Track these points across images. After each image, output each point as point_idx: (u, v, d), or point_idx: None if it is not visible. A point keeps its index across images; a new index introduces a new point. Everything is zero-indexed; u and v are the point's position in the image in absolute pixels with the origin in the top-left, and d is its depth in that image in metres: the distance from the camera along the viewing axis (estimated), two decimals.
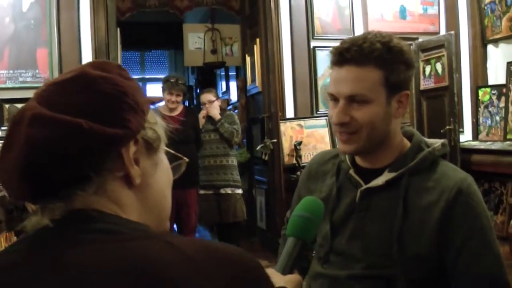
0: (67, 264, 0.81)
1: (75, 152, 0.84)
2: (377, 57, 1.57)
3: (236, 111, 8.37)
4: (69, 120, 0.84)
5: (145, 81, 13.99)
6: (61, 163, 0.84)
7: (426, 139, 1.70)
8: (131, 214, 0.93)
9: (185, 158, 1.12)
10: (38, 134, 0.83)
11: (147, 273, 0.78)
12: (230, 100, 9.50)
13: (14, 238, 2.41)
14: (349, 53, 1.59)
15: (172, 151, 1.07)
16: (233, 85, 9.75)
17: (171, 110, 5.22)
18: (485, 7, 6.38)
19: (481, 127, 6.33)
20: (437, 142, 1.67)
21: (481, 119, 6.36)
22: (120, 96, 0.90)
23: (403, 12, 6.56)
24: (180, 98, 5.26)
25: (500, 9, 6.17)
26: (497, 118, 6.18)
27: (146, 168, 0.97)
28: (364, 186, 1.65)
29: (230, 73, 9.62)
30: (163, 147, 1.03)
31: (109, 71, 0.93)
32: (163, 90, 5.24)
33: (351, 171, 1.70)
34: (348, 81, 1.58)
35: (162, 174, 1.02)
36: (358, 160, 1.73)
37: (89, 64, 0.96)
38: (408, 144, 1.69)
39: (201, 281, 0.79)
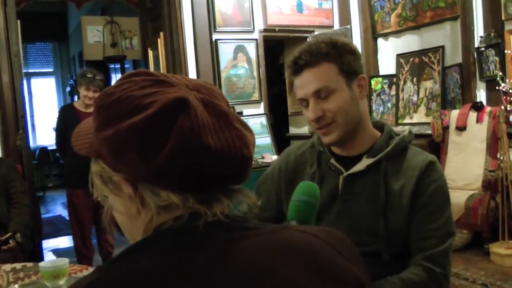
0: (239, 258, 0.84)
1: None
2: (325, 54, 1.76)
3: None
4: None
5: (30, 75, 13.38)
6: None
7: (392, 128, 1.92)
8: None
9: None
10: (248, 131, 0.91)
11: (312, 257, 0.86)
12: None
13: None
14: (302, 60, 1.77)
15: None
16: None
17: (87, 106, 5.00)
18: (375, 4, 6.84)
19: (374, 114, 6.76)
20: (404, 131, 1.90)
21: (374, 106, 6.80)
22: None
23: (299, 6, 6.85)
24: (97, 94, 4.99)
25: (389, 6, 6.63)
26: (389, 105, 6.64)
27: None
28: (347, 172, 1.83)
29: (126, 66, 9.46)
30: None
31: None
32: (79, 85, 5.01)
33: (332, 160, 1.86)
34: (310, 81, 1.76)
35: None
36: (335, 149, 1.90)
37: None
38: (378, 133, 1.89)
39: (345, 262, 0.89)
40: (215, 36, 6.29)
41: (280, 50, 7.89)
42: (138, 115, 0.84)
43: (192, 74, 6.12)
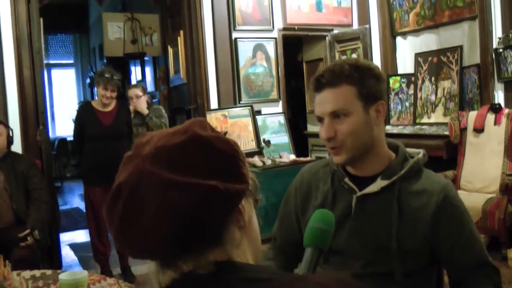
0: None
1: (217, 211, 0.92)
2: (347, 76, 1.77)
3: (155, 100, 8.38)
4: (205, 184, 0.89)
5: (50, 66, 13.49)
6: (205, 223, 0.91)
7: (406, 149, 1.95)
8: (245, 253, 1.01)
9: None
10: (180, 200, 0.88)
11: None
12: (146, 89, 9.45)
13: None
14: (324, 78, 1.80)
15: None
16: (148, 73, 9.68)
17: (105, 105, 5.09)
18: (393, 2, 6.81)
19: (392, 112, 6.76)
20: (419, 152, 1.93)
21: (392, 105, 6.78)
22: (235, 154, 0.97)
23: (319, 4, 6.86)
24: (114, 94, 5.10)
25: (407, 4, 6.61)
26: (407, 104, 6.64)
27: (249, 211, 1.04)
28: (361, 192, 1.86)
29: (145, 59, 9.45)
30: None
31: (207, 129, 0.99)
32: (97, 84, 5.02)
33: (346, 179, 1.89)
34: (328, 101, 1.79)
35: (255, 212, 1.09)
36: (349, 169, 1.93)
37: (191, 124, 0.99)
38: (393, 154, 1.91)
39: None
40: (234, 35, 6.34)
41: (299, 47, 7.91)
42: None
43: (211, 71, 6.19)
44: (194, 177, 0.90)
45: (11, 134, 4.61)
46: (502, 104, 5.47)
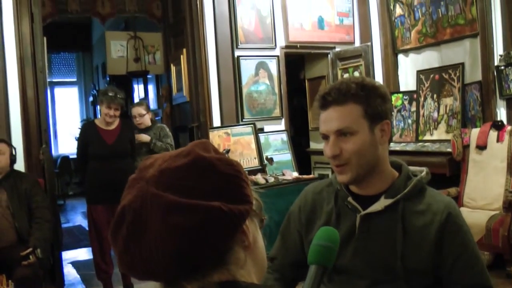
0: None
1: (221, 232, 0.92)
2: (353, 94, 1.78)
3: (157, 118, 8.40)
4: (208, 205, 0.90)
5: (53, 84, 13.55)
6: (209, 245, 0.92)
7: (409, 168, 1.95)
8: (250, 273, 1.02)
9: None
10: (184, 222, 0.89)
11: None
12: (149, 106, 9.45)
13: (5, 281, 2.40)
14: (330, 96, 1.81)
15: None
16: (151, 91, 9.72)
17: (108, 124, 5.09)
18: (395, 20, 6.83)
19: (395, 130, 6.76)
20: (422, 171, 1.93)
21: (394, 122, 6.78)
22: (238, 174, 0.98)
23: (321, 22, 6.89)
24: (118, 113, 5.11)
25: (409, 22, 6.64)
26: (409, 121, 6.64)
27: (254, 232, 1.04)
28: (364, 212, 1.85)
29: (148, 77, 9.58)
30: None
31: (210, 150, 1.00)
32: (101, 103, 5.04)
33: (350, 199, 1.89)
34: (334, 119, 1.79)
35: (260, 232, 1.09)
36: (352, 188, 1.93)
37: (194, 146, 1.01)
38: (396, 173, 1.91)
39: None
40: (237, 53, 6.37)
41: (301, 65, 7.94)
42: None
43: (214, 89, 6.20)
44: (197, 199, 0.91)
45: (14, 153, 4.64)
46: (505, 121, 5.47)
